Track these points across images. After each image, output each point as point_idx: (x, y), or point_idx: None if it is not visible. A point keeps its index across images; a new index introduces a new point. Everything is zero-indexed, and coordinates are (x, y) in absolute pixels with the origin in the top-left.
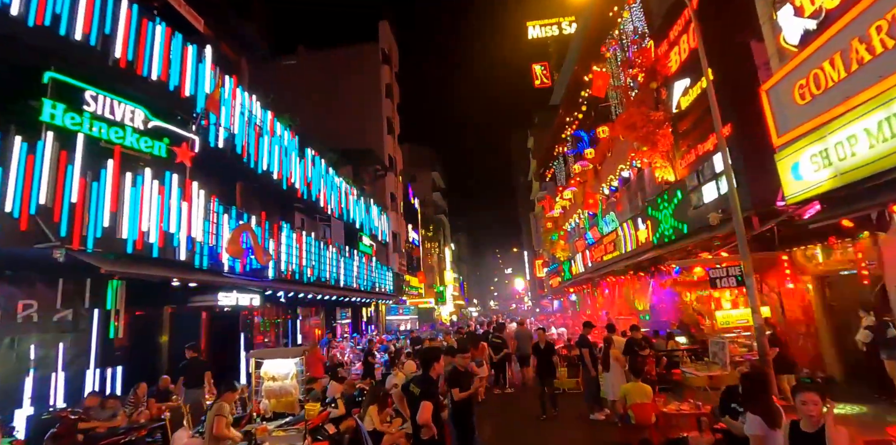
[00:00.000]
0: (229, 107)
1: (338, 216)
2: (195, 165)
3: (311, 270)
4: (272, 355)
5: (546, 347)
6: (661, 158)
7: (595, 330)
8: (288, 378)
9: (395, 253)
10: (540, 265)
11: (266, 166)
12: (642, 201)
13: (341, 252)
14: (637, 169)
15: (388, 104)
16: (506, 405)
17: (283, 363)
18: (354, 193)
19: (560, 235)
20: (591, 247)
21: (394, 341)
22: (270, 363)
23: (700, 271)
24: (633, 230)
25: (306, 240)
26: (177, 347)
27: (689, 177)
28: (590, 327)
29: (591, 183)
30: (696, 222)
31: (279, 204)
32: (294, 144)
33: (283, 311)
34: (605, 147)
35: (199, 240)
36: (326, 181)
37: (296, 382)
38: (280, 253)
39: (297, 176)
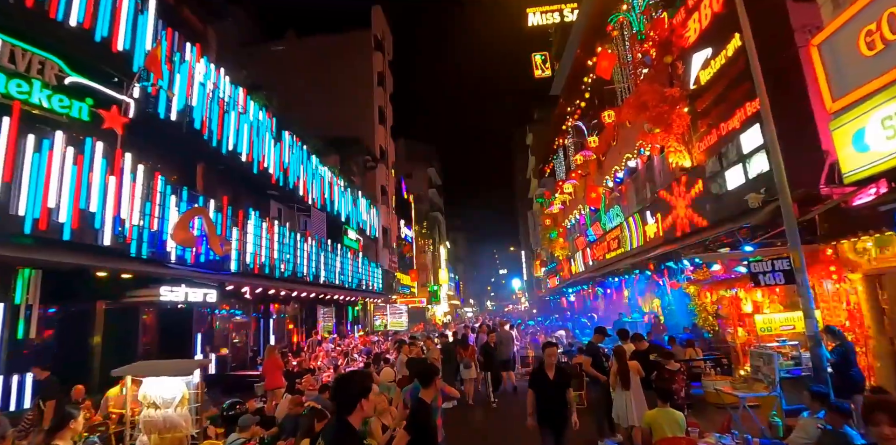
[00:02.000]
0: (186, 75)
1: (319, 207)
2: (135, 135)
3: (284, 264)
4: (154, 370)
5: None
6: (675, 142)
7: None
8: (172, 406)
9: (386, 249)
10: (538, 265)
11: (232, 146)
12: (651, 192)
13: (322, 246)
14: (646, 157)
15: (381, 93)
16: None
17: (170, 383)
18: (341, 183)
19: (559, 232)
20: (592, 245)
21: (379, 343)
22: (153, 384)
23: (719, 268)
24: (640, 225)
25: (279, 231)
26: (113, 349)
27: (708, 162)
28: (603, 334)
29: (594, 176)
30: (716, 213)
31: (250, 190)
32: (269, 125)
33: (253, 309)
34: (609, 135)
35: (136, 223)
36: (307, 169)
37: (186, 410)
38: (245, 244)
39: (272, 160)
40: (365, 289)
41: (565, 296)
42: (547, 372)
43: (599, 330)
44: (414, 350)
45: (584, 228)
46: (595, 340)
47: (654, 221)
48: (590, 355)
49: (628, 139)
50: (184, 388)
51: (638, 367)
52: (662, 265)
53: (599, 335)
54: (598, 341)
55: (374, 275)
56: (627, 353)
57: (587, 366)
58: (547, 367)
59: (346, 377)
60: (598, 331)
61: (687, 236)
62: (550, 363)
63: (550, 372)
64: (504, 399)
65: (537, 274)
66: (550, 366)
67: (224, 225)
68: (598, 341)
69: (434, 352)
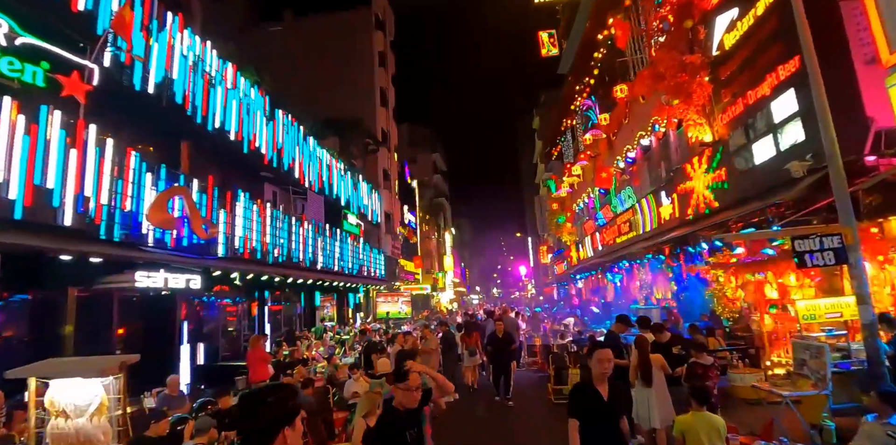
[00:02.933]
0: (165, 45)
1: (317, 191)
2: (104, 107)
3: (278, 249)
4: (63, 370)
5: None
6: (695, 114)
7: None
8: (87, 414)
9: (388, 235)
10: (544, 251)
11: (219, 124)
12: (667, 171)
13: (320, 230)
14: (662, 132)
15: (382, 74)
16: None
17: (83, 386)
18: (340, 166)
19: (567, 217)
20: (601, 229)
21: (380, 331)
22: (62, 386)
23: (742, 251)
24: (654, 206)
25: (272, 213)
26: (87, 340)
27: (732, 135)
28: (625, 323)
29: (604, 156)
30: (741, 190)
31: (242, 171)
32: (262, 103)
33: (247, 296)
34: (620, 113)
35: (105, 203)
36: (303, 150)
37: (105, 420)
38: (234, 227)
39: (264, 140)
40: (367, 275)
41: (573, 283)
42: (598, 389)
43: (622, 319)
44: (410, 340)
45: (594, 211)
46: (616, 330)
47: (670, 201)
48: (610, 345)
49: (641, 116)
50: (101, 393)
51: (662, 361)
52: (678, 249)
53: (621, 325)
54: (621, 331)
55: (377, 261)
56: None
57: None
58: (597, 381)
59: (256, 396)
60: (620, 320)
61: (707, 217)
62: (602, 375)
63: (603, 389)
64: None
65: (544, 261)
66: (602, 379)
67: (209, 207)
68: (621, 331)
69: (432, 342)
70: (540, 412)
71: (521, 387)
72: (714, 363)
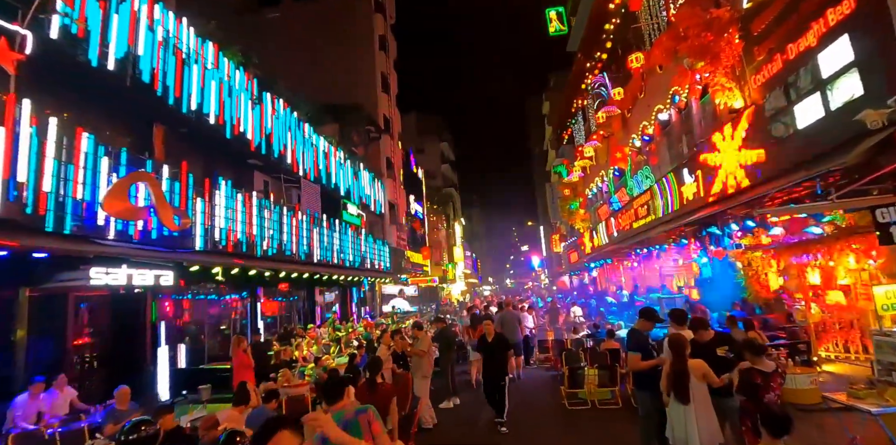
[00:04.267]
0: (127, 18)
1: (313, 179)
2: (50, 82)
3: (267, 241)
4: None
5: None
6: (723, 77)
7: None
8: None
9: (393, 226)
10: (557, 240)
11: (196, 106)
12: (689, 146)
13: (316, 221)
14: (684, 102)
15: (383, 58)
16: None
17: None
18: (339, 154)
19: (580, 203)
20: (616, 214)
21: (383, 327)
22: None
23: (780, 231)
24: (675, 186)
25: (259, 203)
26: (42, 345)
27: (769, 97)
28: (651, 318)
29: (618, 135)
30: (780, 160)
31: (227, 159)
32: (249, 86)
33: (236, 292)
34: (636, 86)
35: (48, 190)
36: (297, 136)
37: None
38: (214, 217)
39: (250, 125)
40: (370, 268)
41: (587, 271)
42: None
43: (647, 314)
44: (398, 340)
45: (608, 196)
46: (641, 327)
47: (694, 179)
48: (637, 348)
49: (659, 87)
50: None
51: (706, 369)
52: (704, 231)
53: (647, 321)
54: (646, 329)
55: (381, 253)
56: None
57: (636, 363)
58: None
59: None
60: (644, 315)
61: (738, 194)
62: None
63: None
64: None
65: (556, 250)
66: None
67: (183, 195)
68: (646, 329)
69: (423, 343)
70: (552, 420)
71: (531, 388)
72: (778, 368)
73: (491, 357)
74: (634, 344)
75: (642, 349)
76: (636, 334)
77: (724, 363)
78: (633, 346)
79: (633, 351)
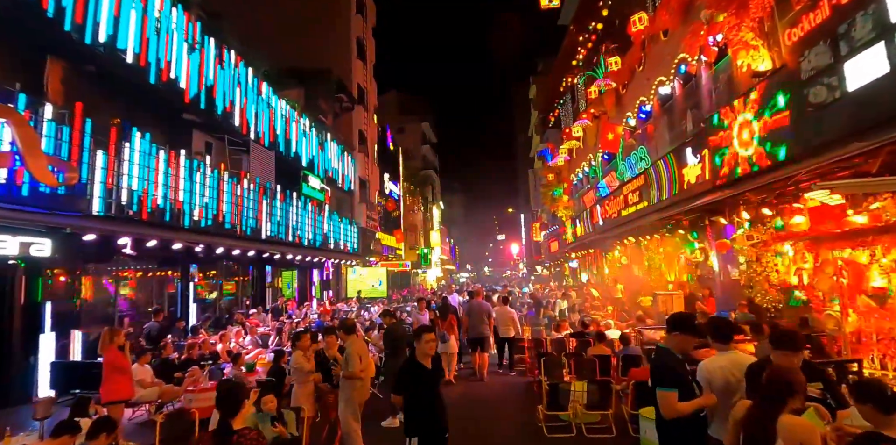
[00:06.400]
0: None
1: (268, 145)
2: None
3: (199, 210)
4: None
5: None
6: (749, 31)
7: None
8: None
9: (363, 204)
10: (537, 228)
11: (107, 38)
12: (695, 122)
13: (268, 192)
14: (695, 66)
15: (360, 22)
16: None
17: None
18: (304, 122)
19: (564, 188)
20: (604, 200)
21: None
22: None
23: (802, 219)
24: (674, 168)
25: (189, 164)
26: None
27: (807, 55)
28: (691, 330)
29: (611, 113)
30: (819, 133)
31: (151, 108)
32: (186, 27)
33: (159, 269)
34: (634, 57)
35: None
36: (248, 94)
37: None
38: (120, 176)
39: (185, 72)
40: (333, 249)
41: (567, 262)
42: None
43: (682, 322)
44: (331, 342)
45: (595, 181)
46: (676, 346)
47: (699, 160)
48: (672, 382)
49: (662, 57)
50: None
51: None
52: (707, 220)
53: (684, 335)
54: (684, 348)
55: (347, 233)
56: None
57: (673, 405)
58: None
59: None
60: (678, 325)
61: (760, 173)
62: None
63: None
64: None
65: (537, 238)
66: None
67: (76, 145)
68: (684, 348)
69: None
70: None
71: (498, 400)
72: None
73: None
74: (667, 374)
75: (679, 381)
76: (667, 356)
77: None
78: (666, 377)
79: (666, 387)
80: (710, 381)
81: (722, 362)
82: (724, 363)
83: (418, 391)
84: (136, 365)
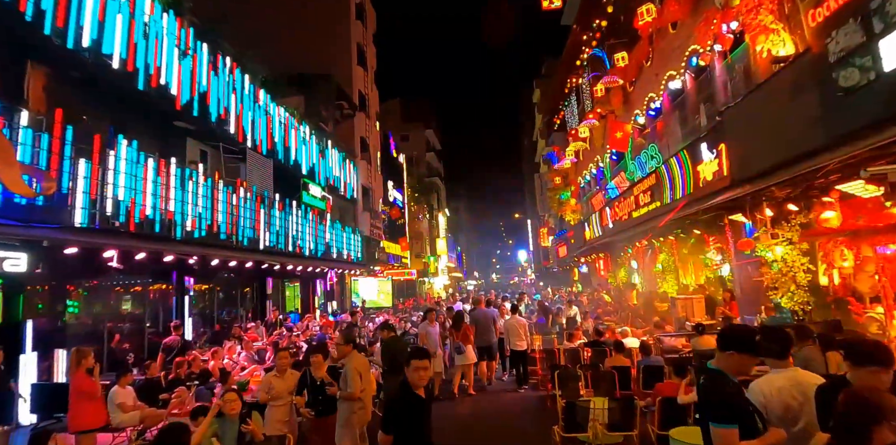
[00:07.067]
0: None
1: (266, 153)
2: None
3: (193, 221)
4: None
5: None
6: (770, 15)
7: None
8: None
9: (367, 213)
10: (545, 234)
11: (92, 43)
12: (710, 116)
13: (265, 201)
14: (709, 56)
15: (360, 29)
16: None
17: None
18: (304, 129)
19: (571, 191)
20: (613, 202)
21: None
22: None
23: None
24: (688, 166)
25: (180, 173)
26: None
27: (835, 36)
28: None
29: (619, 111)
30: (852, 119)
31: (142, 116)
32: (178, 33)
33: (152, 282)
34: (642, 52)
35: None
36: (245, 102)
37: None
38: (105, 185)
39: (177, 78)
40: (336, 259)
41: (577, 267)
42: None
43: (739, 337)
44: (318, 364)
45: (604, 182)
46: (731, 367)
47: (715, 155)
48: (731, 415)
49: (671, 50)
50: None
51: None
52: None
53: (743, 355)
54: (741, 370)
55: (351, 242)
56: None
57: None
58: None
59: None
60: (734, 341)
61: (785, 166)
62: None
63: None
64: None
65: (544, 244)
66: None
67: (56, 153)
68: (741, 370)
69: (351, 379)
70: None
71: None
72: None
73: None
74: (724, 406)
75: (739, 414)
76: (721, 382)
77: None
78: (723, 410)
79: (724, 423)
80: (765, 407)
81: (780, 382)
82: (782, 384)
83: (411, 427)
84: (117, 387)
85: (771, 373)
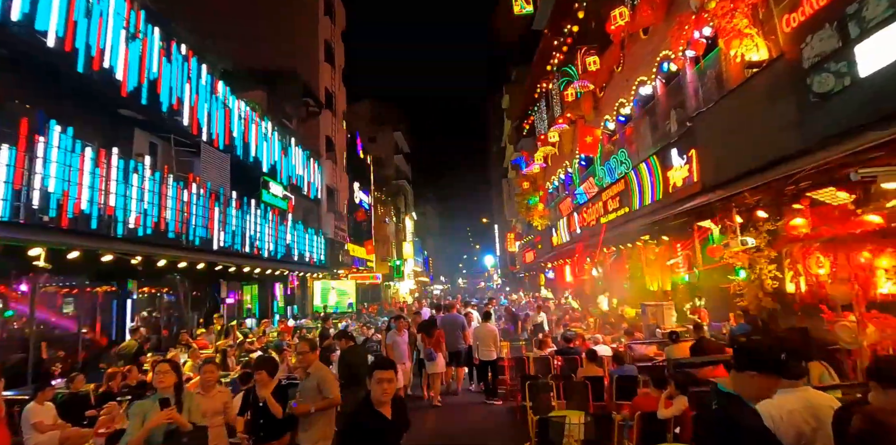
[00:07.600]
0: None
1: (223, 148)
2: None
3: (137, 217)
4: None
5: None
6: (745, 19)
7: None
8: None
9: (331, 214)
10: (512, 239)
11: (22, 17)
12: (680, 121)
13: (220, 199)
14: (683, 61)
15: (328, 25)
16: None
17: None
18: (266, 125)
19: (539, 197)
20: (581, 208)
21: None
22: None
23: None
24: (658, 171)
25: (123, 165)
26: None
27: (810, 41)
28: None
29: (589, 117)
30: (827, 124)
31: (81, 102)
32: (129, 13)
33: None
34: (613, 57)
35: None
36: (201, 92)
37: None
38: (33, 175)
39: (123, 62)
40: (298, 261)
41: (543, 273)
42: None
43: (759, 358)
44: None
45: (572, 188)
46: (748, 391)
47: (686, 161)
48: None
49: (643, 56)
50: None
51: None
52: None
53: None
54: (761, 393)
55: (314, 244)
56: None
57: None
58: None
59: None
60: (755, 362)
61: (758, 171)
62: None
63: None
64: None
65: (511, 249)
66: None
67: None
68: (761, 393)
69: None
70: None
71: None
72: None
73: None
74: (742, 440)
75: None
76: (737, 409)
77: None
78: None
79: None
80: (775, 431)
81: (791, 404)
82: (794, 406)
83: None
84: (34, 404)
85: (780, 394)
